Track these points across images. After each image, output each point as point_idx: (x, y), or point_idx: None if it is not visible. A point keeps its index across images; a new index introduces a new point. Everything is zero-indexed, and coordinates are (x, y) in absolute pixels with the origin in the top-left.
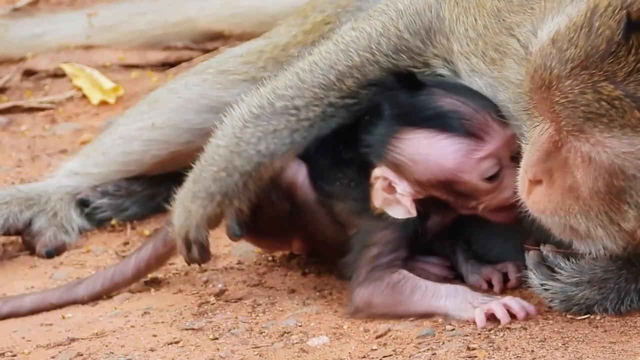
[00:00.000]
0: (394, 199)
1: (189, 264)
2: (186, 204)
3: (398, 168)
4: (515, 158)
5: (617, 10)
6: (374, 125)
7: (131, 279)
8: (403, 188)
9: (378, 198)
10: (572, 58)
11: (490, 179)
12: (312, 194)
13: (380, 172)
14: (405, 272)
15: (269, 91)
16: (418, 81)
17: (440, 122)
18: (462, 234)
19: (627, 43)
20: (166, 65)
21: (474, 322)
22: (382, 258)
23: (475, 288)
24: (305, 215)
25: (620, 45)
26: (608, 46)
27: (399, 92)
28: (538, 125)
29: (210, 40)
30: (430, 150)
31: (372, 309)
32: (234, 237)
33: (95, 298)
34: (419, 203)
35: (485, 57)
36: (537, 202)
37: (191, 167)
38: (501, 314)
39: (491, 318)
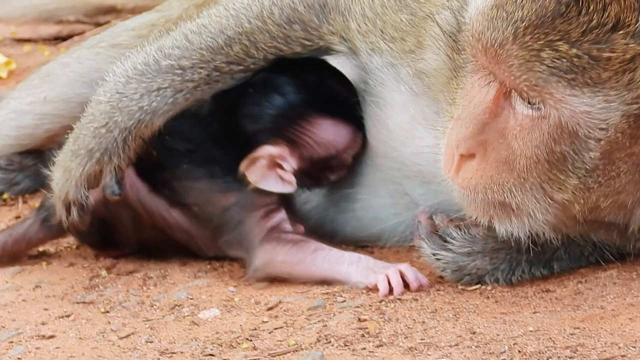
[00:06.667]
0: (274, 174)
1: (67, 230)
2: (66, 164)
3: (298, 148)
4: None
5: None
6: (271, 103)
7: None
8: (291, 165)
9: (256, 174)
10: (523, 18)
11: None
12: (151, 196)
13: (275, 150)
14: (305, 237)
15: (156, 49)
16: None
17: (342, 110)
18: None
19: (577, 4)
20: (59, 39)
21: (365, 293)
22: (271, 218)
23: None
24: (155, 218)
25: (569, 6)
26: (557, 6)
27: (303, 74)
28: (467, 96)
29: (103, 14)
30: (335, 137)
31: (271, 267)
32: (112, 195)
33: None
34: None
35: (384, 35)
36: (468, 177)
37: None
38: (396, 282)
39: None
